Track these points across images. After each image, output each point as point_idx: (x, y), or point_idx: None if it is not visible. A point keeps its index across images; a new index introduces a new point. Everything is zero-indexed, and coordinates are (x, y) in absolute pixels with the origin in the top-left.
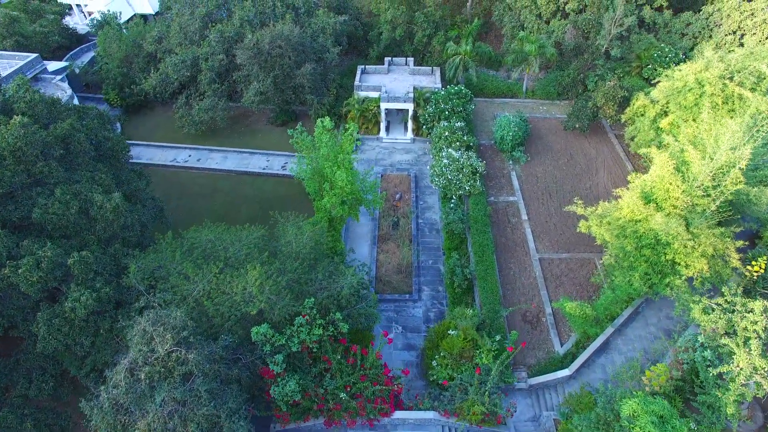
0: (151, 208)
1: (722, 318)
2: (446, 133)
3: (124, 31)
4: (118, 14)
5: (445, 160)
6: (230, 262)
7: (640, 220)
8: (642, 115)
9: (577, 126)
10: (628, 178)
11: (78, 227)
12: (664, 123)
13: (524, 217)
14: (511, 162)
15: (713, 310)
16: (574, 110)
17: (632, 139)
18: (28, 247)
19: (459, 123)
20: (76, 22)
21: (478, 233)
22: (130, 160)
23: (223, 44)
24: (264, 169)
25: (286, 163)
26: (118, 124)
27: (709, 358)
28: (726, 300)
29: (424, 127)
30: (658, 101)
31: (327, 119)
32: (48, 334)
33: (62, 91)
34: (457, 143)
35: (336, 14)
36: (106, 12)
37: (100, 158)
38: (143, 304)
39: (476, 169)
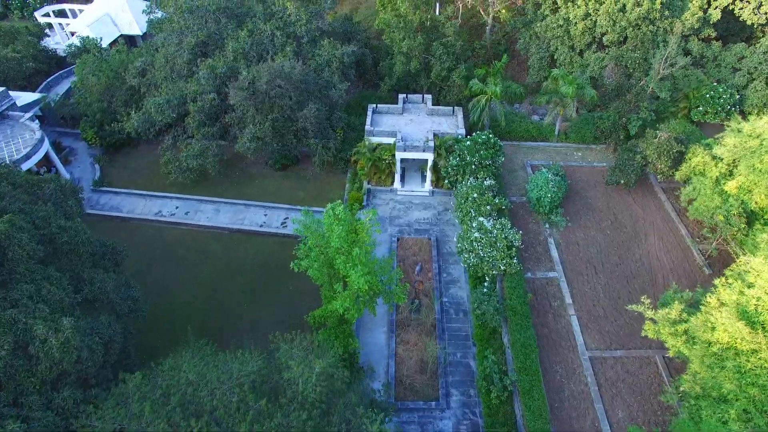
0: (124, 303)
1: None
2: (474, 195)
3: (106, 57)
4: (99, 39)
5: (476, 233)
6: (217, 414)
7: (744, 352)
8: (701, 174)
9: (622, 182)
10: (716, 282)
11: (12, 371)
12: (731, 186)
13: (568, 299)
14: (547, 226)
15: None
16: (618, 163)
17: (689, 202)
18: None
19: (488, 181)
20: (58, 42)
21: (518, 329)
22: (109, 213)
23: (214, 81)
24: (261, 226)
25: (287, 218)
26: (98, 166)
27: None
28: None
29: (447, 181)
30: (722, 158)
31: (339, 206)
32: None
33: (30, 132)
34: (488, 207)
35: (342, 43)
36: (87, 36)
37: (54, 254)
38: None
39: (512, 242)
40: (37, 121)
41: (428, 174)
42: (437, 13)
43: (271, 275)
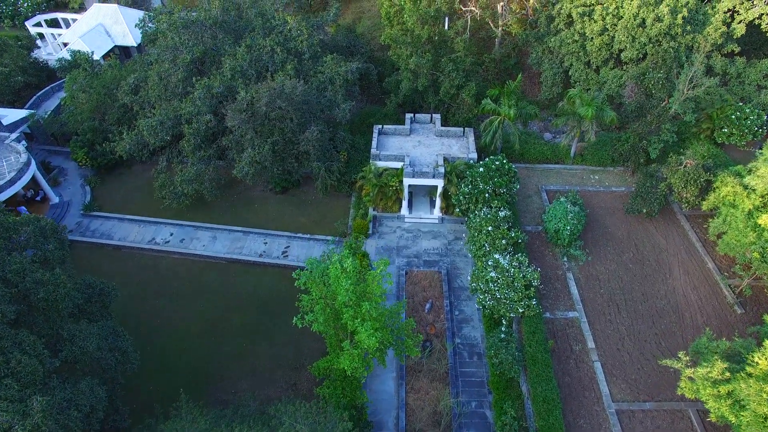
0: (110, 356)
1: None
2: (489, 227)
3: (98, 71)
4: (91, 53)
5: (492, 273)
6: None
7: None
8: (731, 205)
9: (644, 211)
10: (766, 344)
11: None
12: (766, 220)
13: (590, 343)
14: (566, 259)
15: None
16: (639, 191)
17: (719, 236)
18: None
19: (503, 211)
20: (50, 53)
21: (539, 380)
22: (99, 241)
23: (210, 101)
24: (261, 256)
25: (288, 247)
26: (88, 188)
27: None
28: None
29: (458, 209)
30: (755, 189)
31: (348, 258)
32: None
33: (16, 154)
34: (503, 241)
35: (346, 58)
36: (78, 50)
37: (29, 312)
38: None
39: (530, 282)
40: (23, 141)
41: (438, 201)
42: (446, 27)
43: (272, 311)
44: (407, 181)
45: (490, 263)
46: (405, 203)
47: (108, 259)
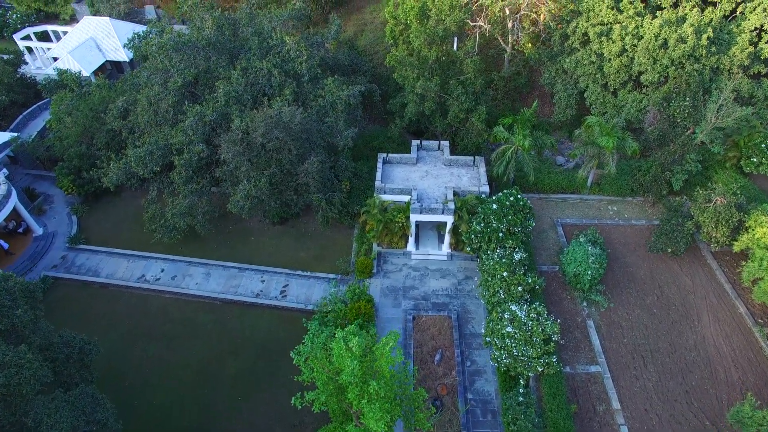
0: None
1: None
2: (503, 273)
3: (87, 91)
4: (78, 73)
5: (509, 327)
6: None
7: None
8: (767, 248)
9: (669, 250)
10: None
11: None
12: None
13: (615, 404)
14: (585, 304)
15: None
16: (664, 229)
17: (754, 282)
18: None
19: (519, 254)
20: (39, 67)
21: None
22: (85, 278)
23: (203, 129)
24: (257, 296)
25: (287, 285)
26: (75, 218)
27: None
28: None
29: (469, 248)
30: None
31: (353, 337)
32: None
33: None
34: (519, 288)
35: (348, 78)
36: (66, 70)
37: None
38: None
39: (550, 336)
40: (5, 170)
41: (447, 237)
42: (455, 47)
43: (270, 358)
44: (414, 218)
45: (506, 315)
46: (412, 239)
47: (94, 298)
